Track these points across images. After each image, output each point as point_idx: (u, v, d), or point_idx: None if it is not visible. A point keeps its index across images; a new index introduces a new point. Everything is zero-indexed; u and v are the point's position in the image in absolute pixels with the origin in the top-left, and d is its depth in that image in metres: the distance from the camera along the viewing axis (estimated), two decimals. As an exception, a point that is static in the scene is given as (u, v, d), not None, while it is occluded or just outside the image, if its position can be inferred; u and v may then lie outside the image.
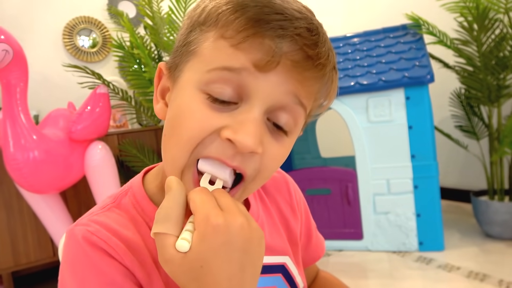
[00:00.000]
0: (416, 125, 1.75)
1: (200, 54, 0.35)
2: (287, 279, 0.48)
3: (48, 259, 1.77)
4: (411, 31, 1.98)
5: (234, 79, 0.33)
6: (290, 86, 0.34)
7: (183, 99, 0.36)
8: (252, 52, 0.33)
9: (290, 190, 0.54)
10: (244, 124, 0.33)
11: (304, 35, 0.33)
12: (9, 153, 1.33)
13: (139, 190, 0.42)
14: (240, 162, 0.34)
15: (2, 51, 1.27)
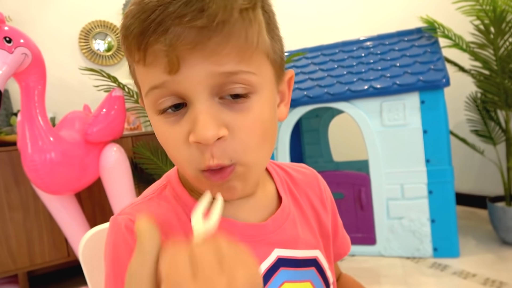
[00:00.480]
0: (431, 129, 1.73)
1: (140, 84, 0.39)
2: (320, 273, 0.48)
3: (62, 259, 1.79)
4: (426, 35, 1.96)
5: (165, 91, 0.35)
6: (207, 65, 0.34)
7: (154, 126, 0.39)
8: (157, 62, 0.34)
9: (320, 185, 0.56)
10: (195, 120, 0.34)
11: (184, 12, 0.32)
12: (27, 154, 1.36)
13: (177, 184, 0.45)
14: (219, 157, 0.35)
15: (22, 55, 1.30)
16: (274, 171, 0.52)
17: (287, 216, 0.47)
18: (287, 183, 0.52)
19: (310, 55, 2.20)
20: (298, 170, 0.56)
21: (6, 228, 1.67)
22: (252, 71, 0.36)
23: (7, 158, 1.67)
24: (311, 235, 0.50)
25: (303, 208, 0.51)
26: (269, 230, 0.44)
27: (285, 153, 2.00)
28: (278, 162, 0.56)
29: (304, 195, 0.53)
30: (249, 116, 0.36)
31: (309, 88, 1.97)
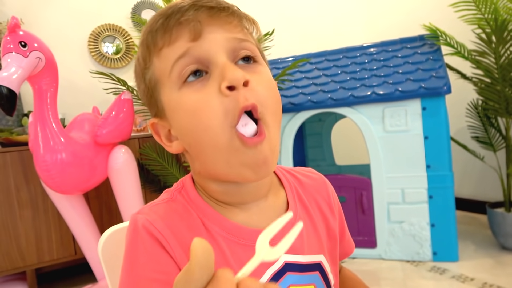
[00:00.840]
0: (432, 135, 1.77)
1: (159, 76, 0.43)
2: (323, 277, 0.51)
3: (69, 257, 1.84)
4: (429, 42, 2.00)
5: (188, 59, 0.40)
6: (223, 32, 0.41)
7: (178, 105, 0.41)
8: (182, 35, 0.40)
9: (328, 191, 0.59)
10: (225, 70, 0.39)
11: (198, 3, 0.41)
12: (39, 154, 1.40)
13: (191, 188, 0.48)
14: (250, 97, 0.39)
15: (36, 59, 1.35)
16: (284, 177, 0.55)
17: (293, 222, 0.49)
18: (296, 188, 0.54)
19: (314, 60, 2.24)
20: (306, 175, 0.59)
21: (16, 226, 1.71)
22: (254, 44, 0.44)
23: (18, 157, 1.71)
24: (317, 241, 0.53)
25: (311, 213, 0.53)
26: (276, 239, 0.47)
27: (288, 156, 2.04)
28: (287, 167, 0.58)
29: (312, 200, 0.55)
30: (262, 76, 0.43)
31: (313, 93, 2.01)
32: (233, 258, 0.44)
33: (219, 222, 0.45)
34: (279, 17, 2.90)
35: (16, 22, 1.33)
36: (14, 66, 1.27)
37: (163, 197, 0.49)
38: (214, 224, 0.45)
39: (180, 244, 0.42)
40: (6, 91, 1.22)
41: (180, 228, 0.43)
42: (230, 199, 0.47)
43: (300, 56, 2.30)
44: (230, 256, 0.44)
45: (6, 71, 1.25)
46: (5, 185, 1.69)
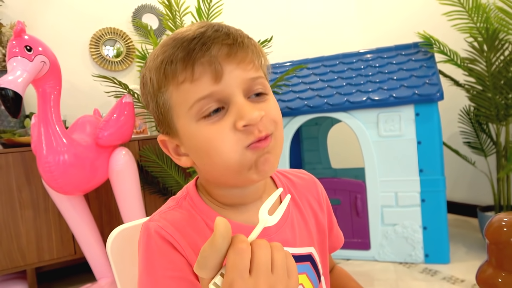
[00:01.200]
0: (425, 140, 1.82)
1: (176, 105, 0.46)
2: (313, 266, 0.57)
3: (69, 256, 1.87)
4: (423, 49, 2.06)
5: (210, 100, 0.44)
6: (240, 73, 0.45)
7: (194, 135, 0.46)
8: (204, 75, 0.44)
9: (317, 189, 0.65)
10: (242, 110, 0.43)
11: (217, 35, 0.45)
12: (42, 155, 1.44)
13: (195, 194, 0.53)
14: (264, 129, 0.45)
15: (41, 63, 1.38)
16: (278, 179, 0.61)
17: (286, 219, 0.55)
18: (289, 189, 0.61)
19: (311, 65, 2.29)
20: (298, 176, 0.65)
21: (17, 225, 1.74)
22: (265, 77, 0.49)
23: (20, 158, 1.75)
24: (307, 234, 0.58)
25: (302, 210, 0.59)
26: (271, 232, 0.53)
27: (285, 159, 2.09)
28: (281, 169, 0.64)
29: (304, 198, 0.61)
30: (271, 106, 0.48)
31: (309, 98, 2.05)
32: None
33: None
34: (278, 22, 2.96)
35: (21, 27, 1.37)
36: (19, 70, 1.31)
37: (170, 204, 0.54)
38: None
39: (189, 244, 0.48)
40: (12, 94, 1.25)
41: (188, 230, 0.49)
42: (232, 201, 0.52)
43: (298, 61, 2.35)
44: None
45: (12, 75, 1.28)
46: (7, 185, 1.72)
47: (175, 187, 1.96)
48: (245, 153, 0.44)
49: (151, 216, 0.52)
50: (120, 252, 0.61)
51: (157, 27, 2.53)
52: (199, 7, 1.78)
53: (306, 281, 0.55)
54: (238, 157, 0.44)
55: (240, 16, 2.75)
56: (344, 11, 3.24)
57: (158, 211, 0.53)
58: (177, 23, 1.88)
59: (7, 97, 1.25)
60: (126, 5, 2.46)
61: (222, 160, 0.45)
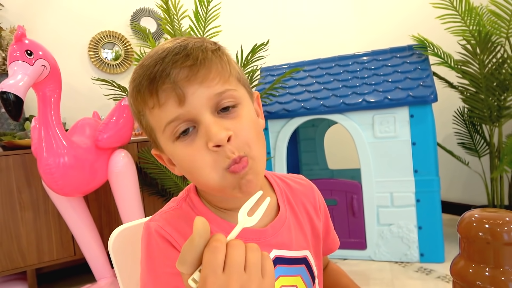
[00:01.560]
0: (419, 141, 1.85)
1: (154, 127, 0.50)
2: (308, 269, 0.59)
3: (69, 257, 1.89)
4: (417, 52, 2.09)
5: (179, 121, 0.46)
6: (203, 91, 0.46)
7: (174, 153, 0.49)
8: (169, 100, 0.46)
9: (315, 195, 0.67)
10: (209, 130, 0.45)
11: (176, 59, 0.46)
12: (43, 158, 1.46)
13: (194, 196, 0.56)
14: (236, 150, 0.46)
15: (41, 67, 1.41)
16: (275, 183, 0.63)
17: (283, 223, 0.57)
18: (286, 193, 0.63)
19: (308, 68, 2.32)
20: (296, 182, 0.67)
21: (18, 227, 1.76)
22: (233, 88, 0.49)
23: (20, 160, 1.77)
24: (303, 238, 0.60)
25: (298, 215, 0.61)
26: (269, 234, 0.55)
27: (282, 160, 2.12)
28: (279, 174, 0.67)
29: (300, 203, 0.64)
30: (243, 120, 0.48)
31: (306, 100, 2.08)
32: None
33: (218, 224, 0.53)
34: (274, 25, 2.99)
35: (22, 32, 1.39)
36: (20, 74, 1.33)
37: (171, 205, 0.57)
38: (214, 226, 0.53)
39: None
40: (13, 98, 1.27)
41: (186, 230, 0.52)
42: (227, 206, 0.55)
43: (294, 64, 2.38)
44: None
45: (13, 79, 1.31)
46: (7, 187, 1.74)
47: (173, 188, 1.98)
48: (226, 175, 0.46)
49: (153, 216, 0.55)
50: (122, 251, 0.64)
51: (155, 30, 2.55)
52: (196, 11, 1.80)
53: (301, 283, 0.57)
54: (219, 179, 0.47)
55: (237, 20, 2.78)
56: (340, 14, 3.28)
57: (159, 211, 0.56)
58: (175, 27, 1.90)
59: (9, 101, 1.27)
60: (125, 8, 2.48)
61: (204, 180, 0.48)
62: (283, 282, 0.55)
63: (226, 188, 0.47)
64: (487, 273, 0.32)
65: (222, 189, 0.48)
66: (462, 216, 0.35)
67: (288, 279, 0.56)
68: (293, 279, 0.57)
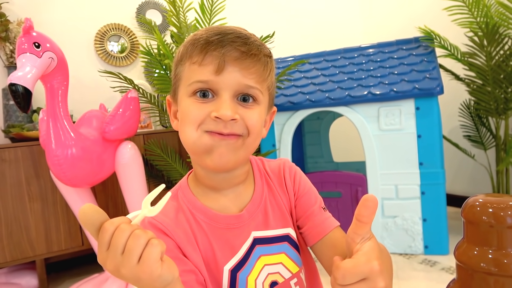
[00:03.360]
0: (425, 134, 1.85)
1: (183, 78, 0.56)
2: (293, 245, 0.62)
3: (77, 248, 1.92)
4: (424, 44, 2.08)
5: (205, 85, 0.53)
6: (238, 76, 0.53)
7: (182, 105, 0.56)
8: (210, 64, 0.52)
9: (280, 172, 0.67)
10: (221, 105, 0.52)
11: (236, 40, 0.53)
12: (51, 149, 1.48)
13: (185, 188, 0.62)
14: (230, 129, 0.52)
15: (49, 59, 1.42)
16: (256, 166, 0.67)
17: (258, 205, 0.62)
18: (265, 175, 0.66)
19: (313, 60, 2.32)
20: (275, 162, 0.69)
21: (26, 217, 1.79)
22: (261, 91, 0.56)
23: (29, 152, 1.79)
24: (282, 216, 0.63)
25: (276, 194, 0.65)
26: (245, 218, 0.60)
27: (287, 153, 2.12)
28: (266, 159, 0.70)
29: (277, 182, 0.66)
30: (253, 113, 0.55)
31: (311, 93, 2.08)
32: (213, 238, 0.57)
33: (204, 212, 0.58)
34: (280, 18, 2.98)
35: (30, 24, 1.40)
36: (28, 66, 1.34)
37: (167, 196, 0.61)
38: (200, 214, 0.59)
39: (178, 228, 0.56)
40: (22, 90, 1.29)
41: (177, 218, 0.58)
42: (212, 183, 0.60)
43: (299, 56, 2.37)
44: (211, 237, 0.57)
45: (21, 71, 1.32)
46: (16, 178, 1.77)
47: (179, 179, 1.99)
48: (202, 136, 0.53)
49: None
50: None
51: (160, 23, 2.56)
52: (202, 3, 1.80)
53: (286, 259, 0.61)
54: (196, 137, 0.53)
55: (243, 12, 2.78)
56: (346, 6, 3.25)
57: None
58: (181, 19, 1.91)
59: (18, 93, 1.29)
60: (130, 1, 2.49)
61: (185, 136, 0.55)
62: (266, 261, 0.59)
63: (199, 148, 0.53)
64: (491, 255, 0.33)
65: (195, 148, 0.54)
66: (466, 200, 0.36)
67: (271, 258, 0.60)
68: (277, 257, 0.60)
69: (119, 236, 0.38)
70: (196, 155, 0.57)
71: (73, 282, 1.95)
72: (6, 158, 1.75)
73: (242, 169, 0.61)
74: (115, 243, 0.38)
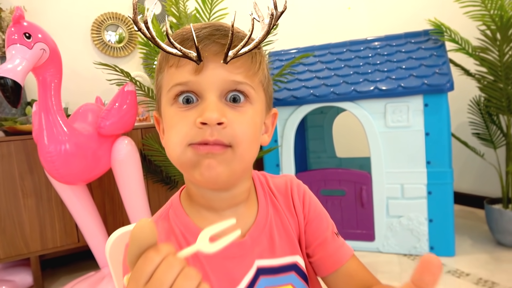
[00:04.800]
0: (433, 132, 1.78)
1: (163, 85, 0.50)
2: (301, 276, 0.55)
3: (73, 244, 1.87)
4: (433, 37, 1.99)
5: (185, 88, 0.46)
6: (222, 72, 0.45)
7: (165, 116, 0.49)
8: (188, 64, 0.45)
9: (288, 191, 0.59)
10: (205, 107, 0.44)
11: (214, 33, 0.46)
12: (44, 145, 1.41)
13: (178, 206, 0.54)
14: (217, 135, 0.44)
15: (40, 50, 1.35)
16: (259, 183, 0.58)
17: (262, 228, 0.54)
18: (270, 194, 0.58)
19: (318, 53, 2.24)
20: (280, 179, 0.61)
21: (20, 214, 1.74)
22: (253, 86, 0.48)
23: (22, 146, 1.73)
24: (289, 243, 0.55)
25: (283, 217, 0.56)
26: (248, 245, 0.52)
27: (290, 149, 2.06)
28: (269, 174, 0.62)
29: (284, 203, 0.58)
30: (245, 117, 0.47)
31: (315, 87, 2.01)
32: (210, 268, 0.50)
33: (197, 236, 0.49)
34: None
35: (20, 13, 1.32)
36: (18, 58, 1.27)
37: (154, 218, 0.55)
38: (195, 239, 0.48)
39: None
40: (12, 83, 1.22)
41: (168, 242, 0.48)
42: (207, 203, 0.52)
43: (304, 49, 2.29)
44: (208, 267, 0.50)
45: (11, 63, 1.25)
46: (10, 174, 1.71)
47: (178, 176, 1.94)
48: (186, 151, 0.45)
49: None
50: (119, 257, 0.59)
51: (160, 12, 2.47)
52: (202, -8, 1.72)
53: None
54: (179, 152, 0.46)
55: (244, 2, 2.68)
56: (352, -5, 3.15)
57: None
58: (180, 9, 1.82)
59: (6, 87, 1.22)
60: (128, -11, 2.39)
61: (169, 151, 0.48)
62: None
63: (185, 164, 0.46)
64: None
65: (181, 164, 0.47)
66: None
67: None
68: None
69: (166, 271, 0.31)
70: (184, 171, 0.49)
71: (69, 279, 1.90)
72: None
73: (242, 187, 0.53)
74: (161, 279, 0.31)
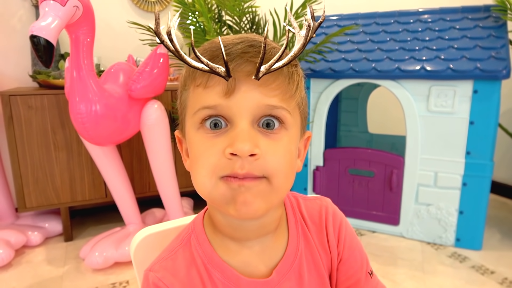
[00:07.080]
0: (479, 121, 1.66)
1: (188, 106, 0.44)
2: None
3: (100, 199, 1.93)
4: (494, 15, 1.80)
5: (213, 112, 0.41)
6: (256, 95, 0.40)
7: (190, 142, 0.44)
8: (217, 85, 0.40)
9: (322, 221, 0.53)
10: (236, 137, 0.39)
11: (248, 50, 0.40)
12: (75, 102, 1.40)
13: (201, 233, 0.49)
14: (248, 168, 0.39)
15: (73, 7, 1.29)
16: (292, 213, 0.52)
17: (291, 264, 0.48)
18: (301, 222, 0.52)
19: (362, 22, 2.08)
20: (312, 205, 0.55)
21: (52, 166, 1.79)
22: (289, 111, 0.42)
23: (55, 100, 1.74)
24: (319, 280, 0.51)
25: (314, 251, 0.51)
26: (274, 283, 0.46)
27: (321, 125, 1.98)
28: (296, 194, 0.55)
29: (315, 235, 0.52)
30: (279, 145, 0.41)
31: (356, 61, 1.89)
32: None
33: (222, 271, 0.46)
34: None
35: (54, -33, 1.26)
36: (51, 16, 1.23)
37: (174, 244, 0.50)
38: (218, 273, 0.46)
39: None
40: (44, 42, 1.19)
41: (187, 278, 0.46)
42: (234, 232, 0.47)
43: (347, 16, 2.13)
44: None
45: (43, 21, 1.21)
46: (43, 127, 1.74)
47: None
48: (218, 184, 0.40)
49: (152, 264, 0.48)
50: (144, 258, 0.58)
51: None
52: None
53: None
54: (211, 186, 0.41)
55: None
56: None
57: (159, 257, 0.49)
58: None
59: (39, 46, 1.19)
60: None
61: (197, 183, 0.43)
62: None
63: (217, 199, 0.41)
64: None
65: (212, 199, 0.42)
66: None
67: None
68: None
69: None
70: (216, 206, 0.44)
71: (96, 229, 1.99)
72: (33, 105, 1.71)
73: (274, 215, 0.48)
74: None
